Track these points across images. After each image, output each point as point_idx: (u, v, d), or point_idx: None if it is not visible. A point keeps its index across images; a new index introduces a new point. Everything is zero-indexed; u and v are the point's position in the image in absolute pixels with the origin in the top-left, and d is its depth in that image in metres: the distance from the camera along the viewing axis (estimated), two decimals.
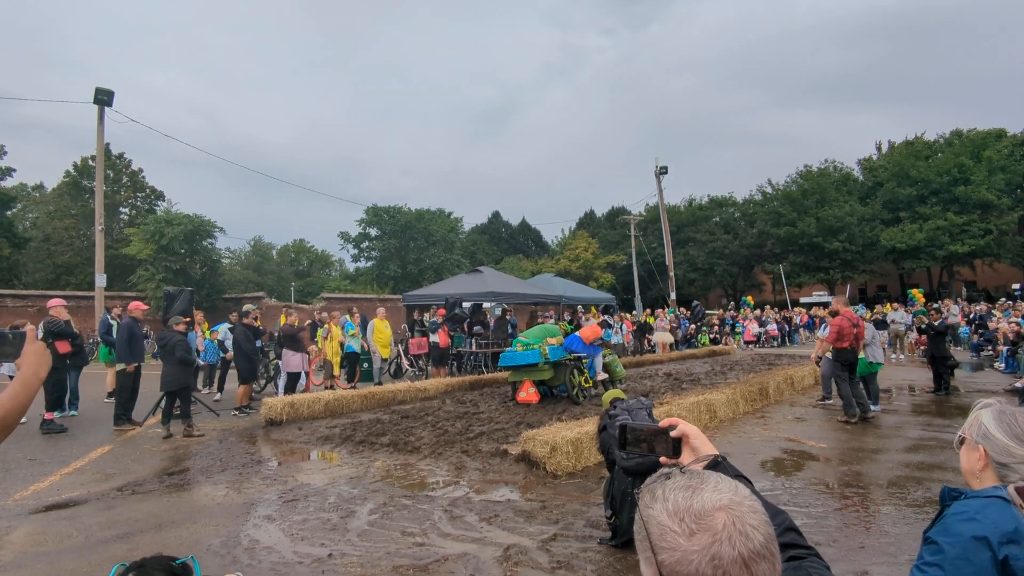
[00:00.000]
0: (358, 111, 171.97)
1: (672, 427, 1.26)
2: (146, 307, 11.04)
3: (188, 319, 9.96)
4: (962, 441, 1.65)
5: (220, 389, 12.96)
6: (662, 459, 1.26)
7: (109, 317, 12.01)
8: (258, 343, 12.03)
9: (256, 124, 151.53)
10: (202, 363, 12.98)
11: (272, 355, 14.22)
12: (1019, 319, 18.06)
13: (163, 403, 9.41)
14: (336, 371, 13.61)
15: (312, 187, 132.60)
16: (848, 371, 9.57)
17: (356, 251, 44.38)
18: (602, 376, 12.01)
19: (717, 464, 1.22)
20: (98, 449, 8.25)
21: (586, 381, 11.63)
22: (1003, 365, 15.79)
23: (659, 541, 0.79)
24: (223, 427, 9.86)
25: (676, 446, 1.26)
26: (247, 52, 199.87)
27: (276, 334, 12.17)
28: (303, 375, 12.24)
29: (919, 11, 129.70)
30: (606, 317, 19.84)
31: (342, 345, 13.78)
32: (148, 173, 44.75)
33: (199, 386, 13.04)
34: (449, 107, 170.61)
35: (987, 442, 1.56)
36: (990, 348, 19.21)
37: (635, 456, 1.37)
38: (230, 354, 11.91)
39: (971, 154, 38.28)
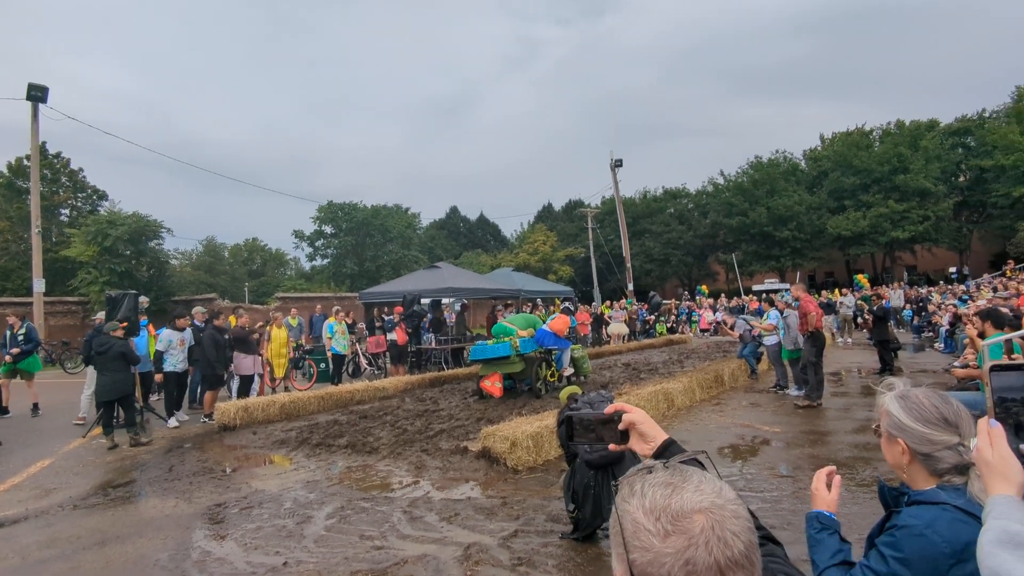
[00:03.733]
0: (310, 106, 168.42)
1: (619, 414, 1.25)
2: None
3: (125, 324, 9.46)
4: (878, 433, 1.57)
5: (177, 407, 10.65)
6: (611, 447, 1.26)
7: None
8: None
9: (203, 120, 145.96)
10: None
11: None
12: (955, 301, 18.96)
13: (102, 415, 8.88)
14: (279, 372, 13.16)
15: (264, 184, 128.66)
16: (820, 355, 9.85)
17: (311, 249, 43.53)
18: (568, 371, 12.03)
19: (667, 447, 1.22)
20: (37, 464, 7.84)
21: (552, 375, 11.66)
22: (942, 345, 16.53)
23: (632, 539, 0.75)
24: (173, 435, 9.51)
25: (624, 433, 1.26)
26: (190, 44, 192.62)
27: (226, 336, 11.61)
28: (256, 377, 11.90)
29: (857, 7, 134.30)
30: (567, 304, 20.03)
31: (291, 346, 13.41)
32: (89, 172, 42.54)
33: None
34: (405, 101, 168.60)
35: (903, 434, 1.47)
36: (930, 330, 20.09)
37: (583, 444, 1.37)
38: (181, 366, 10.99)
39: (909, 144, 39.84)
